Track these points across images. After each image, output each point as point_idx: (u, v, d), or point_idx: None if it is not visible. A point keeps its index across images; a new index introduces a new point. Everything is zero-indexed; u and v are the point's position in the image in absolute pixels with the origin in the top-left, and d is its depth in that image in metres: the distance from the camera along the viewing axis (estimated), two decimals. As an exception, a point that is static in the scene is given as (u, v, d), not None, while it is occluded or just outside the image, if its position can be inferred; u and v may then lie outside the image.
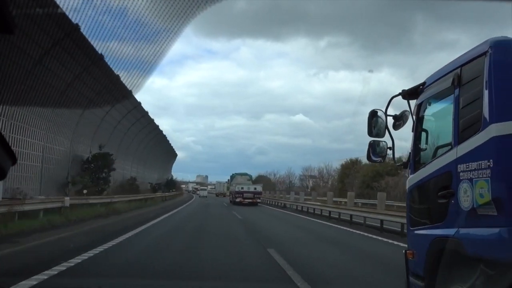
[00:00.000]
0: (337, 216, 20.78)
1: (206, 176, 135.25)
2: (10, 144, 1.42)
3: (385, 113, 4.34)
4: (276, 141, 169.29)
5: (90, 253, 8.02)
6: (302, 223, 19.81)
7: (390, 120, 4.47)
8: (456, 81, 3.29)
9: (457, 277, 3.25)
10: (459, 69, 3.28)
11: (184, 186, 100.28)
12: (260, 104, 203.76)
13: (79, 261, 7.22)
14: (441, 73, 3.63)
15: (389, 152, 4.49)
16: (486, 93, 2.89)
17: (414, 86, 4.10)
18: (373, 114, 4.36)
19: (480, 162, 2.89)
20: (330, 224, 19.01)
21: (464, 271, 3.13)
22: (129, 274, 6.71)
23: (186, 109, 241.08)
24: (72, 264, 6.83)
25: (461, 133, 3.18)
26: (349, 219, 18.85)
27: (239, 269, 7.45)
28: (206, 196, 66.56)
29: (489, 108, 2.85)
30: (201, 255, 8.78)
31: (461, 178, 3.10)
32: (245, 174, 42.60)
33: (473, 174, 2.96)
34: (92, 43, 6.83)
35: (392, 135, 4.40)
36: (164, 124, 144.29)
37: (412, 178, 4.08)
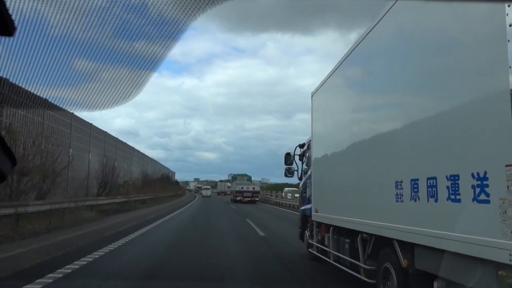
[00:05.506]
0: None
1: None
2: None
3: (293, 153, 9.10)
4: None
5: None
6: (269, 209, 29.78)
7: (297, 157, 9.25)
8: (307, 146, 8.05)
9: (306, 226, 8.04)
10: (309, 141, 8.02)
11: (185, 185, 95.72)
12: (290, 103, 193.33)
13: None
14: (308, 140, 8.35)
15: (296, 173, 9.29)
16: (312, 155, 7.64)
17: (303, 142, 8.83)
18: (288, 154, 9.14)
19: (310, 180, 7.65)
20: (284, 209, 29.57)
21: (307, 224, 7.92)
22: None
23: (216, 109, 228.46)
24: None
25: (307, 167, 7.95)
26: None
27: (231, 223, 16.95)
28: (209, 196, 61.38)
29: (312, 162, 7.58)
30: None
31: (307, 185, 7.87)
32: (245, 175, 46.44)
33: (309, 184, 7.72)
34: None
35: (298, 164, 9.18)
36: (196, 125, 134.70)
37: (300, 184, 8.87)
